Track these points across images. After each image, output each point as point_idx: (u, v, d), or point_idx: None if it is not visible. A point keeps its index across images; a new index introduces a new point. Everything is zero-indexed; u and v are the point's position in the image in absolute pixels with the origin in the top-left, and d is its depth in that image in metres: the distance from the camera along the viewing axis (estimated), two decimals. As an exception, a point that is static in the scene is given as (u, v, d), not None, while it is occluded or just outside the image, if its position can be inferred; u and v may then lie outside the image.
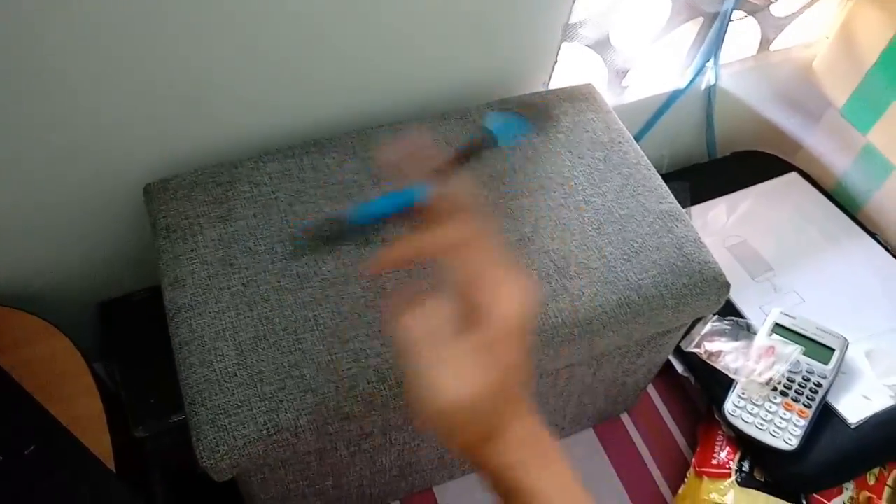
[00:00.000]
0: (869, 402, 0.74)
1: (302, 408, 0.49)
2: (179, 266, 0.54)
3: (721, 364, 0.75)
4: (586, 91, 0.70)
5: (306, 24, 0.57)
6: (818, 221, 0.91)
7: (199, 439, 0.48)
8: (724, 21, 0.79)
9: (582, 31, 0.74)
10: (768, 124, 0.99)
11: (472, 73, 0.69)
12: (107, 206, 0.64)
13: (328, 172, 0.60)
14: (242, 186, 0.59)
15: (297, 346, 0.51)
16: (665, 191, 0.63)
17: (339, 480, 0.60)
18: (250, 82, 0.60)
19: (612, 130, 0.66)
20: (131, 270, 0.69)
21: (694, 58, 0.84)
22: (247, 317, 0.52)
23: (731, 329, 0.78)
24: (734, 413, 0.73)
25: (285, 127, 0.65)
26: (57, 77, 0.52)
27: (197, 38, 0.54)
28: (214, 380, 0.49)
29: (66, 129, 0.56)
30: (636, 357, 0.66)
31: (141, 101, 0.57)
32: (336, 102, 0.66)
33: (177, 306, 0.53)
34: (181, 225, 0.56)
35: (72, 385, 0.58)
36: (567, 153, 0.64)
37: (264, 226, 0.57)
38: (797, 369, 0.74)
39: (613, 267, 0.57)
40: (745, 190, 0.94)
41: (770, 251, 0.87)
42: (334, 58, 0.62)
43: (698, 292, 0.58)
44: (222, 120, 0.62)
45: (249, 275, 0.54)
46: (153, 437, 0.61)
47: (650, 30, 0.79)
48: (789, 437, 0.71)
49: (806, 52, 0.92)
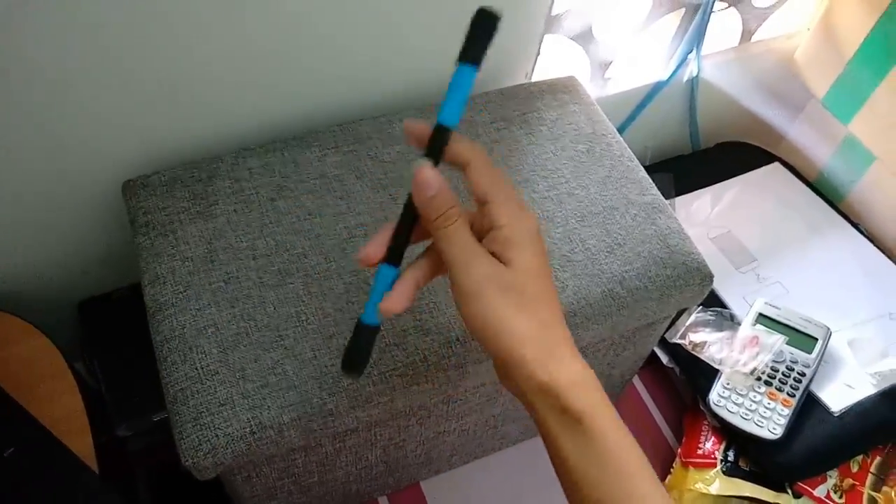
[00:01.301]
0: (852, 390, 0.75)
1: (285, 405, 0.48)
2: (160, 263, 0.54)
3: (705, 355, 0.76)
4: (569, 83, 0.70)
5: (288, 17, 0.57)
6: (801, 212, 0.92)
7: (181, 438, 0.47)
8: (706, 12, 0.79)
9: (564, 23, 0.74)
10: (751, 115, 0.99)
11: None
12: (85, 202, 0.63)
13: (310, 167, 0.60)
14: (223, 182, 0.58)
15: (280, 343, 0.50)
16: (648, 182, 0.63)
17: (324, 477, 0.60)
18: (230, 77, 0.59)
19: (595, 122, 0.66)
20: (111, 268, 0.69)
21: (676, 49, 0.84)
22: (228, 314, 0.51)
23: (716, 320, 0.79)
24: (719, 403, 0.73)
25: (266, 121, 0.65)
26: (32, 71, 0.51)
27: (176, 32, 0.54)
28: (196, 377, 0.49)
29: (42, 125, 0.55)
30: (621, 349, 0.66)
31: (119, 96, 0.56)
32: (317, 96, 0.65)
33: (157, 304, 0.52)
34: (161, 221, 0.56)
35: (52, 385, 0.57)
36: (550, 145, 0.64)
37: (245, 221, 0.56)
38: (781, 359, 0.75)
39: (597, 259, 0.57)
40: (728, 181, 0.94)
41: (754, 242, 0.88)
42: (315, 51, 0.61)
43: (682, 284, 0.58)
44: (202, 115, 0.61)
45: (231, 271, 0.53)
46: (136, 435, 0.61)
47: (632, 21, 0.79)
48: (774, 427, 0.71)
49: (788, 43, 0.92)
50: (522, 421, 0.71)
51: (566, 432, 0.39)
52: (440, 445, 0.67)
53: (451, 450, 0.69)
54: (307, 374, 0.49)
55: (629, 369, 0.73)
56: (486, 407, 0.64)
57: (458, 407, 0.61)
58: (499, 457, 0.77)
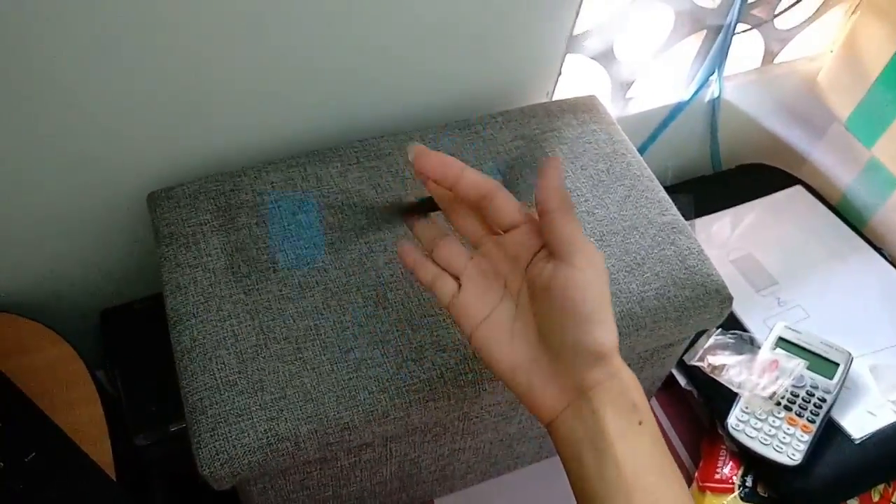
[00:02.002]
0: (874, 417, 0.73)
1: (302, 417, 0.48)
2: (182, 274, 0.54)
3: (724, 378, 0.75)
4: (589, 102, 0.70)
5: (310, 33, 0.58)
6: (823, 235, 0.91)
7: (199, 447, 0.48)
8: (728, 34, 0.79)
9: (586, 43, 0.75)
10: (773, 137, 0.98)
11: (474, 84, 0.69)
12: (110, 214, 0.64)
13: (331, 182, 0.60)
14: (245, 195, 0.59)
15: (298, 356, 0.51)
16: (668, 203, 0.63)
17: (339, 491, 0.60)
18: (254, 92, 0.60)
19: (616, 142, 0.66)
20: (133, 278, 0.70)
21: (698, 70, 0.84)
22: (248, 325, 0.52)
23: (735, 343, 0.78)
24: (737, 427, 0.72)
25: (288, 137, 0.65)
26: (59, 86, 0.52)
27: (200, 48, 0.55)
28: (215, 388, 0.49)
29: (69, 138, 0.56)
30: (639, 370, 0.65)
31: (144, 110, 0.57)
32: (339, 112, 0.66)
33: (178, 314, 0.53)
34: (184, 233, 0.56)
35: (73, 392, 0.58)
36: (570, 164, 0.64)
37: (266, 235, 0.57)
38: (801, 384, 0.74)
39: (615, 279, 0.57)
40: (749, 203, 0.93)
41: (774, 265, 0.87)
42: (338, 67, 0.62)
43: (701, 305, 0.58)
44: (225, 129, 0.62)
45: (251, 283, 0.54)
46: (154, 445, 0.61)
47: (654, 42, 0.79)
48: (793, 453, 0.70)
49: (810, 65, 0.92)
50: (538, 440, 0.71)
51: (631, 430, 0.38)
52: (455, 463, 0.67)
53: (465, 468, 0.69)
54: (325, 387, 0.50)
55: (647, 391, 0.73)
56: (502, 425, 0.63)
57: (473, 424, 0.61)
58: (513, 476, 0.77)
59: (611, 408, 0.38)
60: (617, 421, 0.38)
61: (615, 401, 0.39)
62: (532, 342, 0.42)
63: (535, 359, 0.41)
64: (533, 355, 0.41)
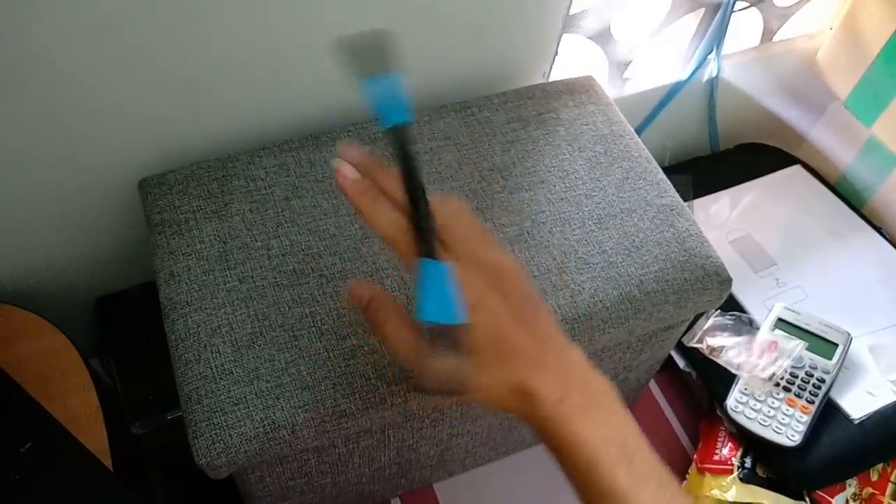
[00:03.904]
0: (873, 397, 0.73)
1: (299, 405, 0.48)
2: (175, 262, 0.54)
3: (723, 359, 0.75)
4: (587, 83, 0.69)
5: (303, 17, 0.57)
6: (822, 215, 0.90)
7: (195, 437, 0.47)
8: (727, 12, 0.78)
9: (583, 23, 0.73)
10: (772, 116, 0.98)
11: (470, 65, 0.68)
12: (101, 201, 0.63)
13: (325, 166, 0.60)
14: (238, 181, 0.58)
15: (294, 343, 0.50)
16: (667, 184, 0.62)
17: (337, 478, 0.60)
18: (246, 76, 0.59)
19: (613, 123, 0.66)
20: (127, 266, 0.69)
21: (696, 49, 0.83)
22: (243, 313, 0.51)
23: (734, 324, 0.77)
24: (736, 409, 0.72)
25: (281, 121, 0.64)
26: (49, 71, 0.51)
27: (192, 31, 0.54)
28: (210, 377, 0.49)
29: (59, 124, 0.55)
30: (637, 353, 0.65)
31: (135, 95, 0.56)
32: (332, 96, 0.65)
33: (172, 302, 0.52)
34: (176, 220, 0.56)
35: (68, 381, 0.57)
36: (567, 146, 0.63)
37: (260, 221, 0.56)
38: (800, 365, 0.74)
39: (614, 262, 0.57)
40: (748, 183, 0.93)
41: (773, 245, 0.87)
42: (330, 50, 0.61)
43: (700, 287, 0.57)
44: (218, 114, 0.61)
45: (245, 271, 0.53)
46: (150, 433, 0.61)
47: (651, 21, 0.78)
48: (792, 434, 0.70)
49: (810, 43, 0.91)
50: (536, 424, 0.71)
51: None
52: (453, 448, 0.66)
53: (464, 452, 0.69)
54: (321, 374, 0.49)
55: (645, 373, 0.73)
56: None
57: (471, 409, 0.60)
58: (512, 460, 0.77)
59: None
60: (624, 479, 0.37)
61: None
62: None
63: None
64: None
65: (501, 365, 0.38)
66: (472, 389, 0.38)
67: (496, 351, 0.38)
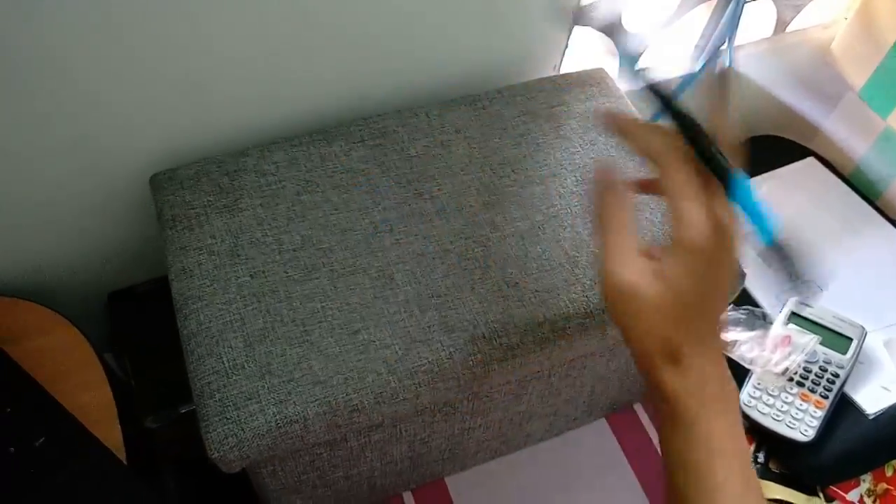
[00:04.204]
0: (888, 392, 0.73)
1: (311, 400, 0.48)
2: (186, 257, 0.54)
3: (736, 354, 0.74)
4: (598, 76, 0.68)
5: (309, 10, 0.56)
6: (836, 208, 0.89)
7: (207, 431, 0.47)
8: (739, 2, 0.77)
9: (593, 15, 0.73)
10: (785, 108, 0.97)
11: (480, 58, 0.68)
12: (113, 196, 0.63)
13: (336, 161, 0.60)
14: (249, 176, 0.58)
15: (306, 338, 0.50)
16: (679, 178, 0.61)
17: (349, 472, 0.60)
18: (256, 70, 0.59)
19: (625, 116, 0.65)
20: (140, 261, 0.69)
21: (708, 40, 0.83)
22: (254, 308, 0.51)
23: (747, 318, 0.77)
24: (749, 404, 0.72)
25: (292, 115, 0.64)
26: (59, 66, 0.52)
27: (201, 27, 0.54)
28: (223, 371, 0.49)
29: (70, 120, 0.56)
30: (649, 347, 0.65)
31: (146, 91, 0.56)
32: (343, 90, 0.65)
33: (184, 297, 0.52)
34: (187, 215, 0.56)
35: (82, 376, 0.58)
36: (579, 139, 0.63)
37: (271, 216, 0.56)
38: (814, 359, 0.73)
39: (626, 256, 0.56)
40: (761, 176, 0.92)
41: (787, 238, 0.86)
42: (340, 44, 0.61)
43: (713, 281, 0.57)
44: (228, 109, 0.61)
45: (256, 265, 0.53)
46: (163, 427, 0.61)
47: (663, 12, 0.77)
48: (806, 429, 0.69)
49: (824, 34, 0.89)
50: (548, 419, 0.70)
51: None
52: (465, 442, 0.66)
53: (476, 446, 0.69)
54: (333, 369, 0.49)
55: (657, 367, 0.72)
56: (512, 404, 0.63)
57: (483, 404, 0.60)
58: (524, 454, 0.77)
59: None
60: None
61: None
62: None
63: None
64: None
65: (682, 313, 0.38)
66: (642, 312, 0.38)
67: (685, 303, 0.38)
